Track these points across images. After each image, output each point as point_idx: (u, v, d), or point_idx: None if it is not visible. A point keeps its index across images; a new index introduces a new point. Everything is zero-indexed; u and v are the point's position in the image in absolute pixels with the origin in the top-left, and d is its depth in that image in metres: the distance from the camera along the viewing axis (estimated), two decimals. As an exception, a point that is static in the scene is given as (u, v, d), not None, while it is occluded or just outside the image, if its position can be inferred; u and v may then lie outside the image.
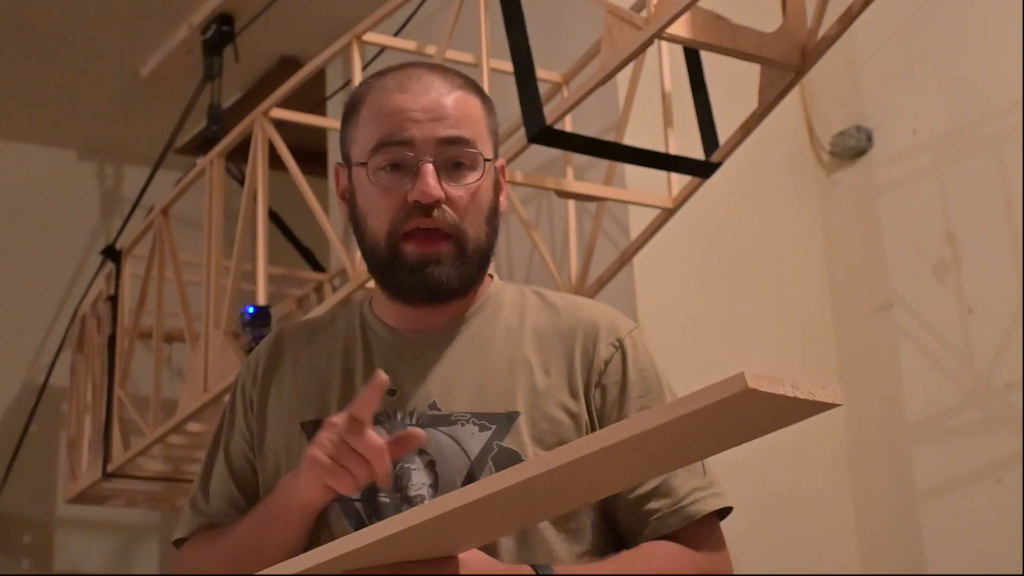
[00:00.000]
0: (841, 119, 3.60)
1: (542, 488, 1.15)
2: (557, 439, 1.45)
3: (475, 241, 1.49)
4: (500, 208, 1.54)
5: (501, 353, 1.51)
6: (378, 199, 1.48)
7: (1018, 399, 3.08)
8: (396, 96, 1.49)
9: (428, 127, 1.47)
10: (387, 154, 1.48)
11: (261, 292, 3.04)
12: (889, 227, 3.47)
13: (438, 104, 1.48)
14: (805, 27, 2.47)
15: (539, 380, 1.49)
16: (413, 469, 1.46)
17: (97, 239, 5.14)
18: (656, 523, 1.46)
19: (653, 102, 2.91)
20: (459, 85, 1.51)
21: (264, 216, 3.08)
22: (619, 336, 1.52)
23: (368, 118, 1.51)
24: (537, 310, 1.55)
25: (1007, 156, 3.21)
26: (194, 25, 4.41)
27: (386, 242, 1.48)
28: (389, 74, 1.54)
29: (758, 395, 0.98)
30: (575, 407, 1.48)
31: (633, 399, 1.49)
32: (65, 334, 4.69)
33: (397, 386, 1.50)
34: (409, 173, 1.47)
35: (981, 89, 3.31)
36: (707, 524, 1.48)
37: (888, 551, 3.33)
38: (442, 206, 1.46)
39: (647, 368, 1.52)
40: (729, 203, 3.38)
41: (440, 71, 1.53)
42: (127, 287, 3.81)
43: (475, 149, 1.48)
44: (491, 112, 1.55)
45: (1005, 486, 3.08)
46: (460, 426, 1.46)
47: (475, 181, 1.48)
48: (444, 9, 2.93)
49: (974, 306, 3.22)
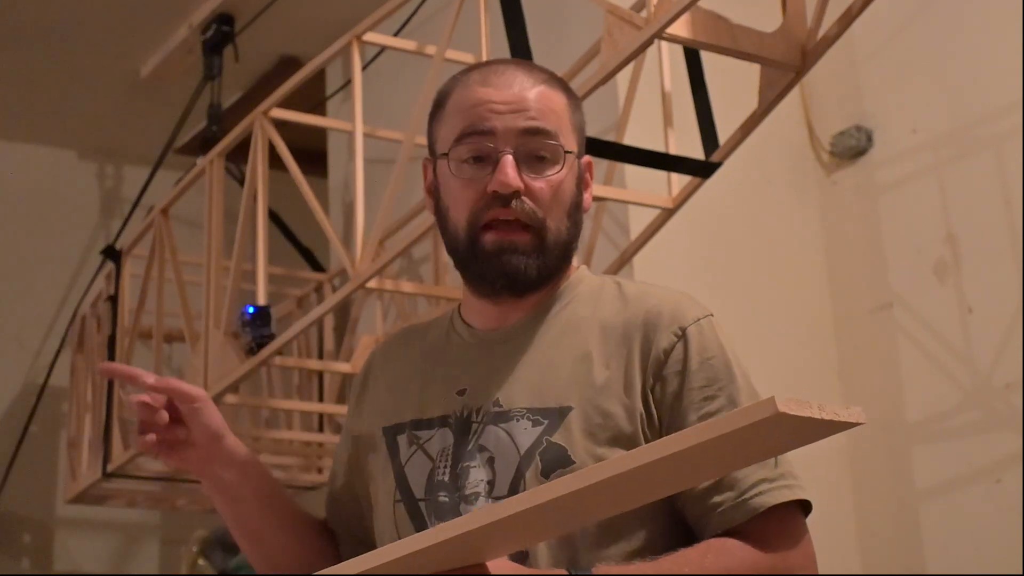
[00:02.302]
0: (841, 119, 3.60)
1: (569, 504, 1.17)
2: (609, 433, 1.44)
3: (555, 233, 1.49)
4: (585, 204, 1.55)
5: (566, 346, 1.51)
6: (459, 190, 1.50)
7: (1018, 399, 3.08)
8: (479, 89, 1.51)
9: (509, 118, 1.48)
10: (468, 145, 1.49)
11: (261, 292, 3.04)
12: (889, 227, 3.47)
13: (520, 97, 1.49)
14: (805, 27, 2.47)
15: (598, 374, 1.47)
16: (472, 467, 1.47)
17: (97, 239, 5.14)
18: (719, 517, 1.42)
19: (653, 102, 2.91)
20: (543, 80, 1.52)
21: (264, 216, 3.08)
22: (683, 325, 1.48)
23: (452, 111, 1.53)
24: (609, 301, 1.53)
25: (1007, 156, 3.20)
26: (194, 25, 4.41)
27: (466, 232, 1.49)
28: (475, 70, 1.56)
29: (787, 418, 1.04)
30: (630, 402, 1.45)
31: (695, 389, 1.45)
32: (65, 334, 4.69)
33: (468, 385, 1.52)
34: (490, 164, 1.48)
35: (981, 89, 3.31)
36: (776, 518, 1.42)
37: (888, 551, 3.33)
38: (521, 197, 1.47)
39: (714, 356, 1.47)
40: (729, 203, 3.38)
41: (525, 66, 1.55)
42: (127, 287, 3.81)
43: (556, 141, 1.49)
44: (576, 108, 1.56)
45: (1005, 486, 3.08)
46: (516, 421, 1.47)
47: (556, 173, 1.49)
48: (444, 9, 2.93)
49: (974, 306, 3.22)
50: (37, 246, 5.14)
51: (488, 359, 1.53)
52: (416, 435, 1.53)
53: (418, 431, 1.53)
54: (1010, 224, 3.17)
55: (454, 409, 1.51)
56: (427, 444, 1.51)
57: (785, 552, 1.42)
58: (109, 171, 5.39)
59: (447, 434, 1.50)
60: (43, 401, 4.80)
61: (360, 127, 2.85)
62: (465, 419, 1.50)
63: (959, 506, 3.18)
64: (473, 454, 1.47)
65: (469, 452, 1.47)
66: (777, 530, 1.42)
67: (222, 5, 4.29)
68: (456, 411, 1.51)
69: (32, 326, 5.04)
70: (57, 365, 4.71)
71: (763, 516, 1.41)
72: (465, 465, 1.47)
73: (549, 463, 1.43)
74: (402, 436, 1.54)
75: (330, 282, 4.32)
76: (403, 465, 1.52)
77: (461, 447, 1.49)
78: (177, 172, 4.30)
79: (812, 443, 1.14)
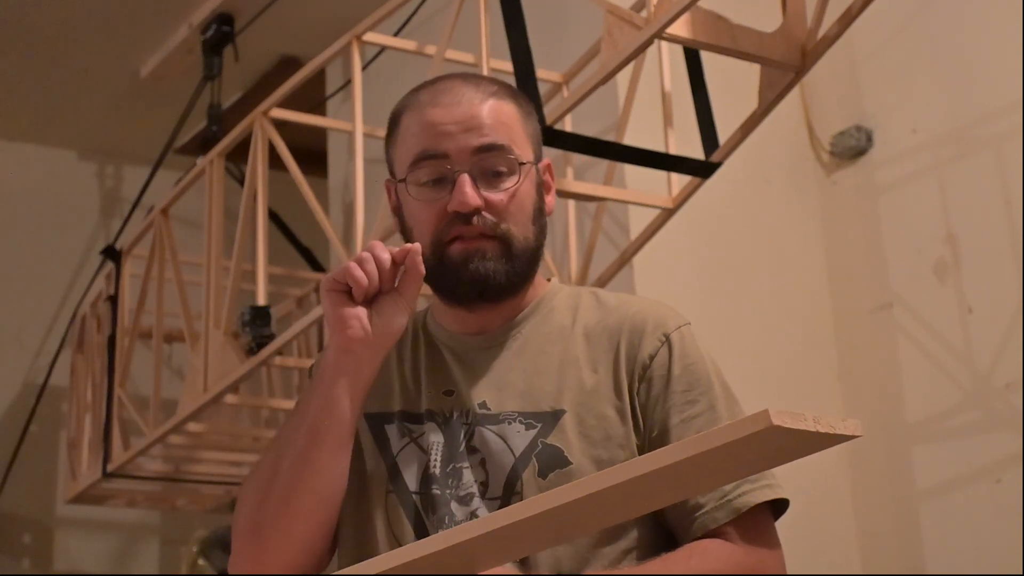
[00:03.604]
0: (841, 119, 3.60)
1: (555, 519, 1.17)
2: (604, 435, 1.47)
3: (521, 240, 1.51)
4: (548, 208, 1.57)
5: (552, 353, 1.53)
6: (420, 212, 1.52)
7: (1018, 399, 3.08)
8: (429, 111, 1.53)
9: (461, 138, 1.50)
10: (425, 169, 1.52)
11: (261, 292, 3.04)
12: (889, 227, 3.47)
13: (470, 115, 1.51)
14: (805, 27, 2.47)
15: (587, 378, 1.50)
16: (464, 468, 1.49)
17: (97, 239, 5.14)
18: (704, 518, 1.45)
19: (653, 102, 2.90)
20: (491, 93, 1.54)
21: (264, 216, 3.08)
22: (666, 331, 1.52)
23: (405, 135, 1.56)
24: (589, 309, 1.57)
25: (1007, 156, 3.20)
26: (194, 25, 4.41)
27: (432, 250, 1.51)
28: (424, 89, 1.58)
29: (782, 431, 1.03)
30: (621, 403, 1.49)
31: (677, 393, 1.49)
32: (65, 334, 4.69)
33: (454, 387, 1.54)
34: (448, 184, 1.50)
35: (981, 89, 3.31)
36: (756, 519, 1.46)
37: (888, 551, 3.33)
38: (482, 213, 1.49)
39: (695, 363, 1.51)
40: (729, 203, 3.38)
41: (473, 81, 1.56)
42: (127, 287, 3.81)
43: (511, 154, 1.51)
44: (528, 115, 1.57)
45: (1005, 486, 3.08)
46: (508, 424, 1.49)
47: (513, 185, 1.50)
48: (444, 9, 2.93)
49: (974, 306, 3.22)
50: (37, 246, 5.14)
51: (471, 363, 1.55)
52: (408, 427, 1.54)
53: (409, 423, 1.54)
54: (1010, 224, 3.17)
55: (442, 408, 1.53)
56: (420, 438, 1.53)
57: (763, 551, 1.46)
58: (109, 171, 5.39)
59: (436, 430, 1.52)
60: (43, 401, 4.79)
61: (360, 127, 2.85)
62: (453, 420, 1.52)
63: (959, 506, 3.18)
64: (464, 455, 1.49)
65: (460, 453, 1.49)
66: (757, 530, 1.46)
67: (222, 5, 4.29)
68: (445, 411, 1.53)
69: (32, 326, 5.04)
70: (57, 365, 4.71)
71: (745, 515, 1.45)
72: (457, 466, 1.49)
73: (546, 464, 1.46)
74: (391, 426, 1.55)
75: (330, 282, 4.31)
76: (395, 456, 1.53)
77: (452, 447, 1.50)
78: (177, 172, 4.29)
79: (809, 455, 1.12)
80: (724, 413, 1.50)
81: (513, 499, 1.45)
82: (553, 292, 1.60)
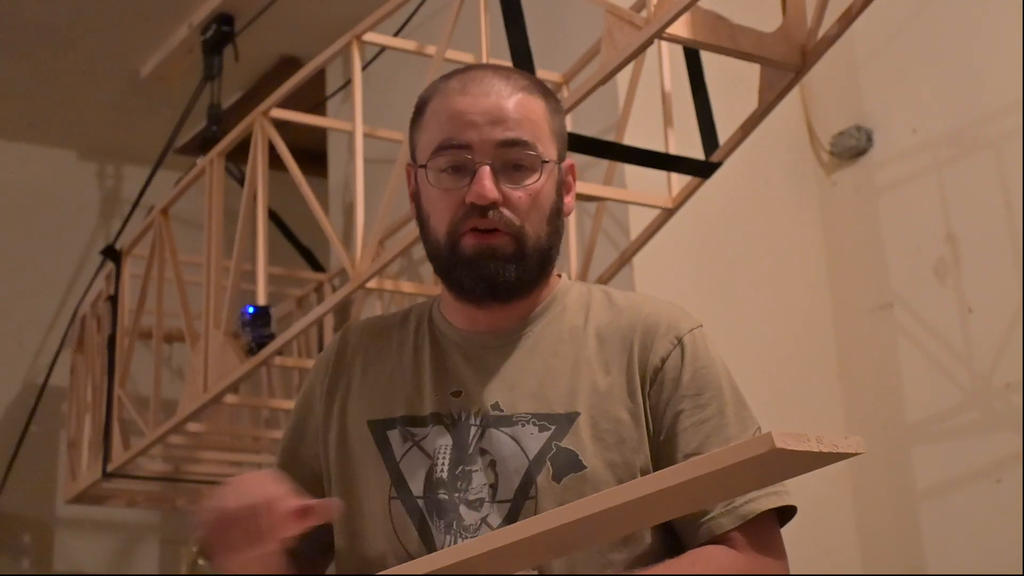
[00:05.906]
0: (841, 119, 3.60)
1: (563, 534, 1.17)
2: (617, 437, 1.46)
3: (534, 240, 1.49)
4: (566, 209, 1.56)
5: (565, 354, 1.52)
6: (438, 200, 1.50)
7: (1018, 399, 3.08)
8: (457, 99, 1.51)
9: (486, 130, 1.48)
10: (446, 157, 1.49)
11: (261, 292, 3.04)
12: (889, 227, 3.47)
13: (497, 107, 1.49)
14: (805, 27, 2.47)
15: (600, 380, 1.49)
16: (474, 471, 1.47)
17: (97, 239, 5.14)
18: (710, 524, 1.44)
19: (653, 102, 2.91)
20: (522, 87, 1.52)
21: (264, 216, 3.08)
22: (679, 334, 1.52)
23: (430, 120, 1.53)
24: (601, 309, 1.56)
25: (1007, 156, 3.20)
26: (194, 25, 4.41)
27: (445, 240, 1.50)
28: (454, 77, 1.55)
29: (785, 453, 1.03)
30: (634, 406, 1.48)
31: (688, 397, 1.48)
32: (65, 334, 4.69)
33: (462, 387, 1.52)
34: (468, 175, 1.48)
35: (981, 89, 3.31)
36: (762, 526, 1.45)
37: (888, 551, 3.33)
38: (499, 208, 1.47)
39: (706, 367, 1.51)
40: (729, 203, 3.38)
41: (504, 73, 1.54)
42: (127, 287, 3.81)
43: (534, 151, 1.49)
44: (556, 113, 1.55)
45: (1005, 486, 3.08)
46: (521, 426, 1.47)
47: (534, 182, 1.49)
48: (444, 9, 2.93)
49: (974, 306, 3.22)
50: (37, 246, 5.14)
51: (481, 363, 1.53)
52: (411, 432, 1.52)
53: (412, 428, 1.52)
54: (1010, 224, 3.17)
55: (449, 410, 1.51)
56: (423, 442, 1.51)
57: (767, 559, 1.45)
58: (109, 171, 5.39)
59: (443, 432, 1.50)
60: (43, 401, 4.80)
61: (360, 127, 2.85)
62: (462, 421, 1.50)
63: (959, 506, 3.18)
64: (474, 458, 1.47)
65: (470, 456, 1.47)
66: (763, 537, 1.45)
67: (222, 5, 4.29)
68: (451, 412, 1.51)
69: (32, 326, 5.04)
70: (57, 365, 4.71)
71: (753, 524, 1.44)
72: (466, 468, 1.47)
73: (561, 468, 1.44)
74: (393, 432, 1.53)
75: (330, 282, 4.32)
76: (398, 462, 1.51)
77: (460, 450, 1.48)
78: (177, 172, 4.29)
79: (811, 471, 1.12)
80: (733, 419, 1.49)
81: (526, 503, 1.44)
82: (564, 290, 1.58)
